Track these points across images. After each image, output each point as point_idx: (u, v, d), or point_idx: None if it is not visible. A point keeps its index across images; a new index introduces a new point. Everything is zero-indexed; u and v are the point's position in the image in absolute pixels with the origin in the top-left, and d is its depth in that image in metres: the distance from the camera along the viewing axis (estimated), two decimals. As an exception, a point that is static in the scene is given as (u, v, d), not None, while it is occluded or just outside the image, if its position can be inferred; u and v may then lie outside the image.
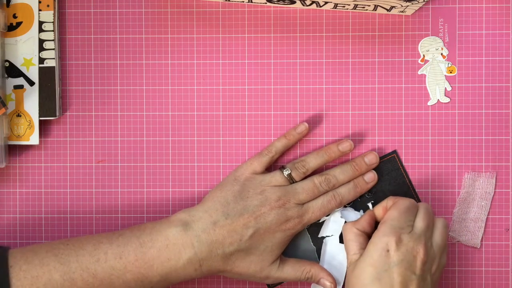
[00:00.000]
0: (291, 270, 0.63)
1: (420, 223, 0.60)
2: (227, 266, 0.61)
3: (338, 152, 0.65)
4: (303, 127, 0.66)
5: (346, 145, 0.65)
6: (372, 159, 0.65)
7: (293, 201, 0.62)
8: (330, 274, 0.64)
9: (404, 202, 0.62)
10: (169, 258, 0.59)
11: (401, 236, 0.59)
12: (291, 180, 0.64)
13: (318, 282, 0.64)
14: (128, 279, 0.59)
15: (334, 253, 0.65)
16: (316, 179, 0.63)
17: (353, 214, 0.65)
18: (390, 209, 0.62)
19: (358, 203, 0.67)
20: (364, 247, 0.61)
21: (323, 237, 0.66)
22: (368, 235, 0.62)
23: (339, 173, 0.64)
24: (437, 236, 0.61)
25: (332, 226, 0.65)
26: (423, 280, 0.59)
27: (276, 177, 0.63)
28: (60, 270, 0.58)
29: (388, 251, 0.58)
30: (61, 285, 0.58)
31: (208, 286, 0.68)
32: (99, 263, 0.58)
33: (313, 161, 0.64)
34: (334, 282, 0.63)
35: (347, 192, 0.64)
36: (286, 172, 0.63)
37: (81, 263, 0.58)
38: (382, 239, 0.59)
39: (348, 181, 0.65)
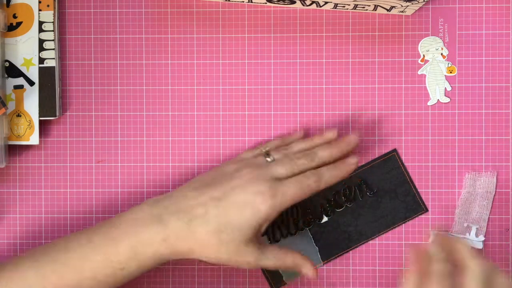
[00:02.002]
0: (273, 258, 0.60)
1: None
2: (196, 244, 0.58)
3: (322, 140, 0.63)
4: (299, 134, 0.65)
5: (328, 133, 0.63)
6: (351, 138, 0.62)
7: (268, 174, 0.59)
8: (311, 263, 0.60)
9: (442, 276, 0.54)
10: (137, 231, 0.58)
11: None
12: (271, 160, 0.61)
13: (300, 272, 0.61)
14: (97, 260, 0.58)
15: None
16: (294, 153, 0.61)
17: None
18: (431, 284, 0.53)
19: (359, 203, 0.67)
20: None
21: None
22: None
23: (318, 149, 0.61)
24: None
25: None
26: None
27: (257, 155, 0.62)
28: (32, 267, 0.58)
29: None
30: (34, 282, 0.57)
31: (208, 286, 0.68)
32: (68, 252, 0.58)
33: (297, 146, 0.62)
34: (316, 270, 0.61)
35: (327, 171, 0.60)
36: (264, 151, 0.62)
37: (52, 257, 0.58)
38: None
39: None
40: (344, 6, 0.66)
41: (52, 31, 0.67)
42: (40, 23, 0.66)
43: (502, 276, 0.54)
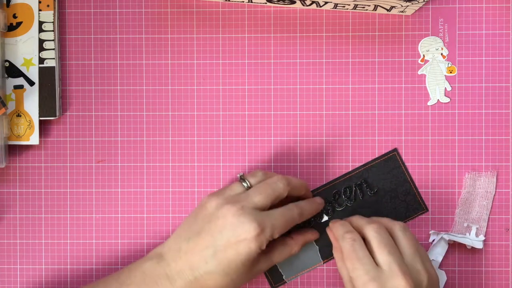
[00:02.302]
0: (281, 254, 0.62)
1: (381, 255, 0.57)
2: None
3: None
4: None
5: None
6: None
7: (250, 205, 0.59)
8: (312, 232, 0.64)
9: (346, 248, 0.59)
10: None
11: (375, 286, 0.56)
12: (248, 187, 0.61)
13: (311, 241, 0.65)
14: None
15: None
16: (270, 178, 0.61)
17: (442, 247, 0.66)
18: (345, 261, 0.59)
19: (359, 202, 0.67)
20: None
21: None
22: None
23: (291, 177, 0.62)
24: (406, 249, 0.59)
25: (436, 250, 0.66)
26: None
27: (233, 187, 0.61)
28: None
29: None
30: None
31: (208, 286, 0.68)
32: None
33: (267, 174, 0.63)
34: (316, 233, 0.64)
35: (306, 205, 0.63)
36: (240, 176, 0.62)
37: None
38: None
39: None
40: (344, 6, 0.66)
41: (52, 31, 0.67)
42: (40, 23, 0.66)
43: (400, 226, 0.60)
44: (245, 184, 0.61)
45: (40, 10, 0.66)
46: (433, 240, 0.67)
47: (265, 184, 0.60)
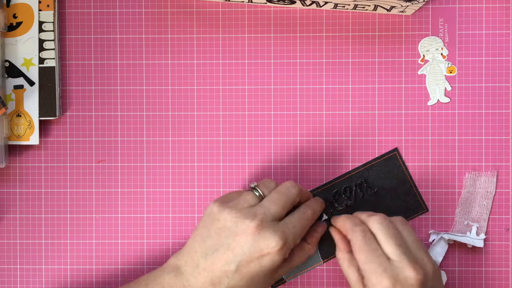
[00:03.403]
0: (299, 257, 0.62)
1: (389, 247, 0.58)
2: None
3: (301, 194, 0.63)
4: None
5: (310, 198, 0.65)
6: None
7: (267, 219, 0.58)
8: (320, 227, 0.64)
9: (358, 240, 0.59)
10: None
11: (389, 278, 0.56)
12: (261, 196, 0.61)
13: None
14: None
15: None
16: (281, 186, 0.61)
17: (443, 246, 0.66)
18: (356, 254, 0.59)
19: (359, 202, 0.67)
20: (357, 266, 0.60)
21: None
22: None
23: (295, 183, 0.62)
24: (409, 241, 0.59)
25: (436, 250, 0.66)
26: None
27: (246, 197, 0.60)
28: None
29: None
30: None
31: (208, 286, 0.68)
32: None
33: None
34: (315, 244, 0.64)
35: (314, 203, 0.63)
36: (253, 186, 0.61)
37: None
38: None
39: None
40: (344, 6, 0.66)
41: (52, 31, 0.67)
42: (40, 23, 0.66)
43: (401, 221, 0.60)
44: (257, 194, 0.61)
45: (40, 10, 0.66)
46: (433, 240, 0.67)
47: (278, 193, 0.60)
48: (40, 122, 0.67)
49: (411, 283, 0.56)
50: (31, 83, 0.67)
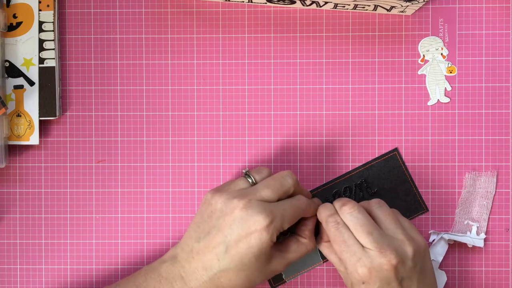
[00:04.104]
0: (296, 251, 0.62)
1: (361, 237, 0.58)
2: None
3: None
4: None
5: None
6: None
7: (256, 198, 0.58)
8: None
9: (331, 232, 0.60)
10: None
11: (363, 267, 0.57)
12: (253, 183, 0.61)
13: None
14: None
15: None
16: (278, 173, 0.61)
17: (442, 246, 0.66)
18: (332, 244, 0.60)
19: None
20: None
21: None
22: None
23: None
24: (386, 223, 0.59)
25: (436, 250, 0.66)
26: (411, 280, 0.58)
27: (238, 182, 0.61)
28: None
29: (363, 283, 0.58)
30: None
31: (208, 286, 0.68)
32: None
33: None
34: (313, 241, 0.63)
35: (312, 199, 0.63)
36: (245, 172, 0.62)
37: None
38: (351, 282, 0.58)
39: None
40: (344, 6, 0.66)
41: (52, 31, 0.67)
42: (40, 23, 0.66)
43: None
44: (250, 180, 0.61)
45: (40, 10, 0.66)
46: (433, 240, 0.67)
47: (273, 179, 0.60)
48: (40, 122, 0.67)
49: (386, 268, 0.57)
50: (31, 83, 0.67)
